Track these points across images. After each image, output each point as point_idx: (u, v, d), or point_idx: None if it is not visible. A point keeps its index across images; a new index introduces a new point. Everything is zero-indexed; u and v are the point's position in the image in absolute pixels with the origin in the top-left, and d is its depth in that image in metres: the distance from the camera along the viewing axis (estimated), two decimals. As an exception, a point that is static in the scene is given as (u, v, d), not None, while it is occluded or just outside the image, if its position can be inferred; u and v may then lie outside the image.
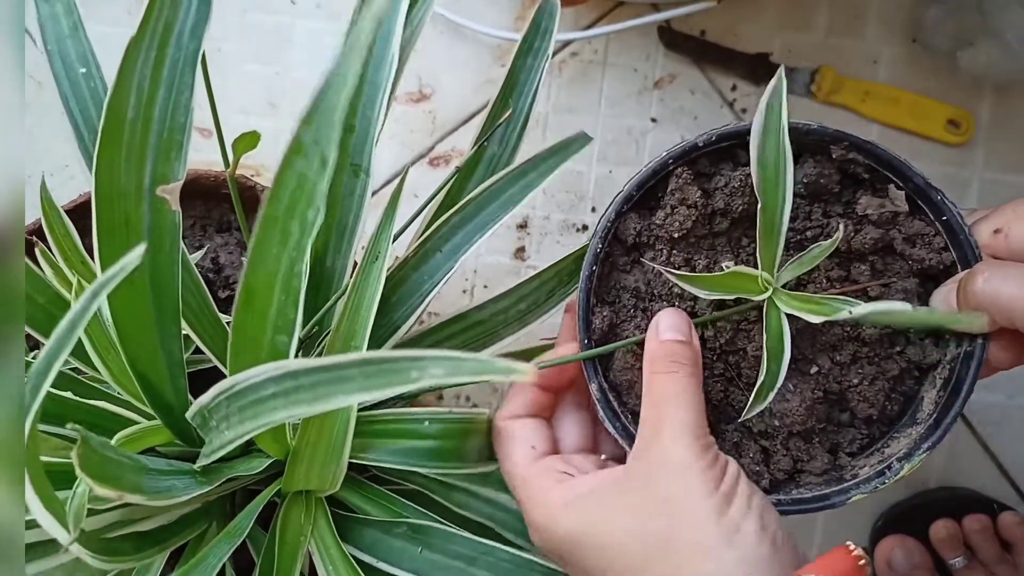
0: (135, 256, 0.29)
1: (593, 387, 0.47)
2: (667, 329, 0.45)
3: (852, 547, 0.40)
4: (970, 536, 0.66)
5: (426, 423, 0.46)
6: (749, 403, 0.44)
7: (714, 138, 0.47)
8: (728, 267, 0.45)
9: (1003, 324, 0.42)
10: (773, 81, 0.44)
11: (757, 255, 0.45)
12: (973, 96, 0.71)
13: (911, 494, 0.71)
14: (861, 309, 0.40)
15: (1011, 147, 0.71)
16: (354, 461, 0.44)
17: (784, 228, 0.44)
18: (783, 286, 0.45)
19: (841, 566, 0.39)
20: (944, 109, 0.70)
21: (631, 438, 0.46)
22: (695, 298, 0.47)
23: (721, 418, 0.48)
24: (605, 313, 0.48)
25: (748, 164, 0.46)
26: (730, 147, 0.48)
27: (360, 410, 0.43)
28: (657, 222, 0.47)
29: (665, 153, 0.47)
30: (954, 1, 0.66)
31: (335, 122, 0.31)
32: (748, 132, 0.45)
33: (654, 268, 0.47)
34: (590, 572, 0.42)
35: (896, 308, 0.41)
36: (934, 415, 0.47)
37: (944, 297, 0.45)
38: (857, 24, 0.72)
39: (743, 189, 0.46)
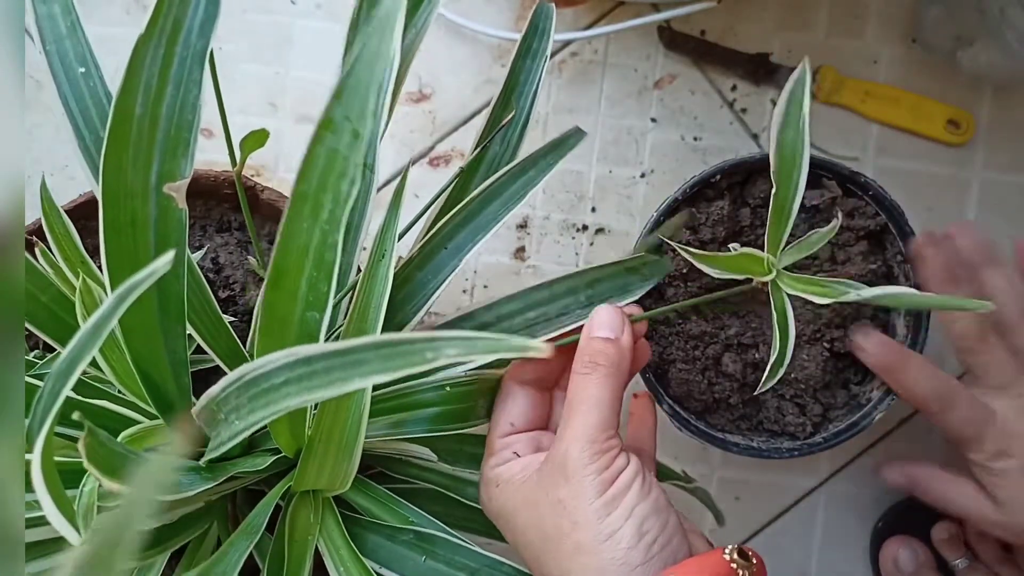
0: (164, 262, 0.29)
1: (665, 407, 0.56)
2: (599, 326, 0.47)
3: (728, 550, 0.42)
4: (971, 537, 0.66)
5: (447, 388, 0.47)
6: (763, 379, 0.47)
7: (689, 187, 0.57)
8: (735, 248, 0.46)
9: None
10: (795, 74, 0.45)
11: (765, 239, 0.47)
12: (973, 96, 0.71)
13: (912, 495, 0.71)
14: (868, 292, 0.41)
15: (1011, 147, 0.71)
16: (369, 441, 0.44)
17: (794, 213, 0.46)
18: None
19: (712, 569, 0.41)
20: (944, 109, 0.70)
21: (704, 436, 0.56)
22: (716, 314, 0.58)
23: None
24: (651, 346, 0.56)
25: (715, 200, 0.57)
26: (700, 190, 0.57)
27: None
28: None
29: (655, 213, 0.56)
30: (954, 1, 0.66)
31: (366, 97, 0.31)
32: (711, 176, 0.56)
33: (672, 298, 0.58)
34: (512, 546, 0.47)
35: (903, 291, 0.42)
36: (908, 335, 0.59)
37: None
38: (857, 24, 0.72)
39: (721, 219, 0.56)
